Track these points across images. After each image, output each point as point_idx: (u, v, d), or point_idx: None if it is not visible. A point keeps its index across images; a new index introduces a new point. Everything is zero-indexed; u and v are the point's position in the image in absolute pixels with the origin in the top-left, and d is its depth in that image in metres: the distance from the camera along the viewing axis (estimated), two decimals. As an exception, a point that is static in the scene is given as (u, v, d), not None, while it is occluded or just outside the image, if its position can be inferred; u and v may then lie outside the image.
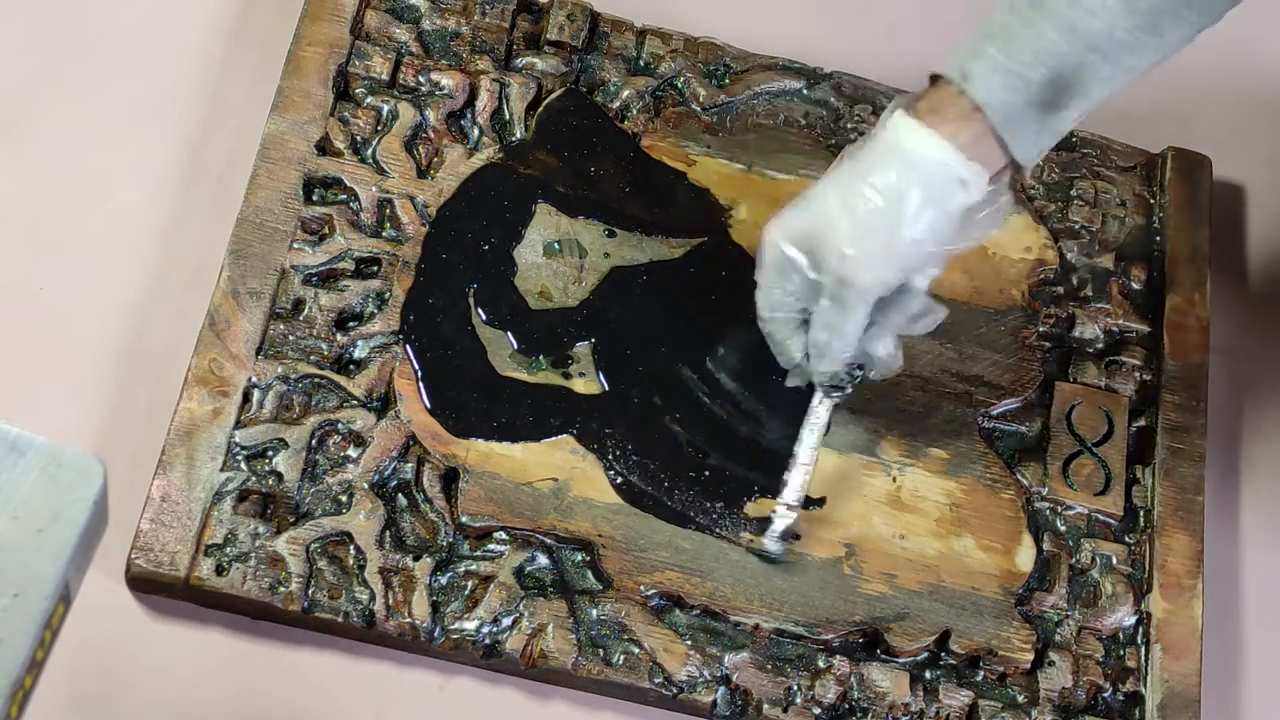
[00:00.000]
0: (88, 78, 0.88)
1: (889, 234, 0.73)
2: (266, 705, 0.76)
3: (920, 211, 0.72)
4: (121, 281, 0.83)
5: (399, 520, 0.79)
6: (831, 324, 0.76)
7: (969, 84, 0.71)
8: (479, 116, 0.88)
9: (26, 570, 0.50)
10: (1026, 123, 0.72)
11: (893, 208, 0.72)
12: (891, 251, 0.73)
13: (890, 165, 0.73)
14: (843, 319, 0.76)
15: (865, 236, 0.73)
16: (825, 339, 0.77)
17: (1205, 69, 1.01)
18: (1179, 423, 0.88)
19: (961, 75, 0.72)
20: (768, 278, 0.77)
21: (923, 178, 0.72)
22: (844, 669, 0.79)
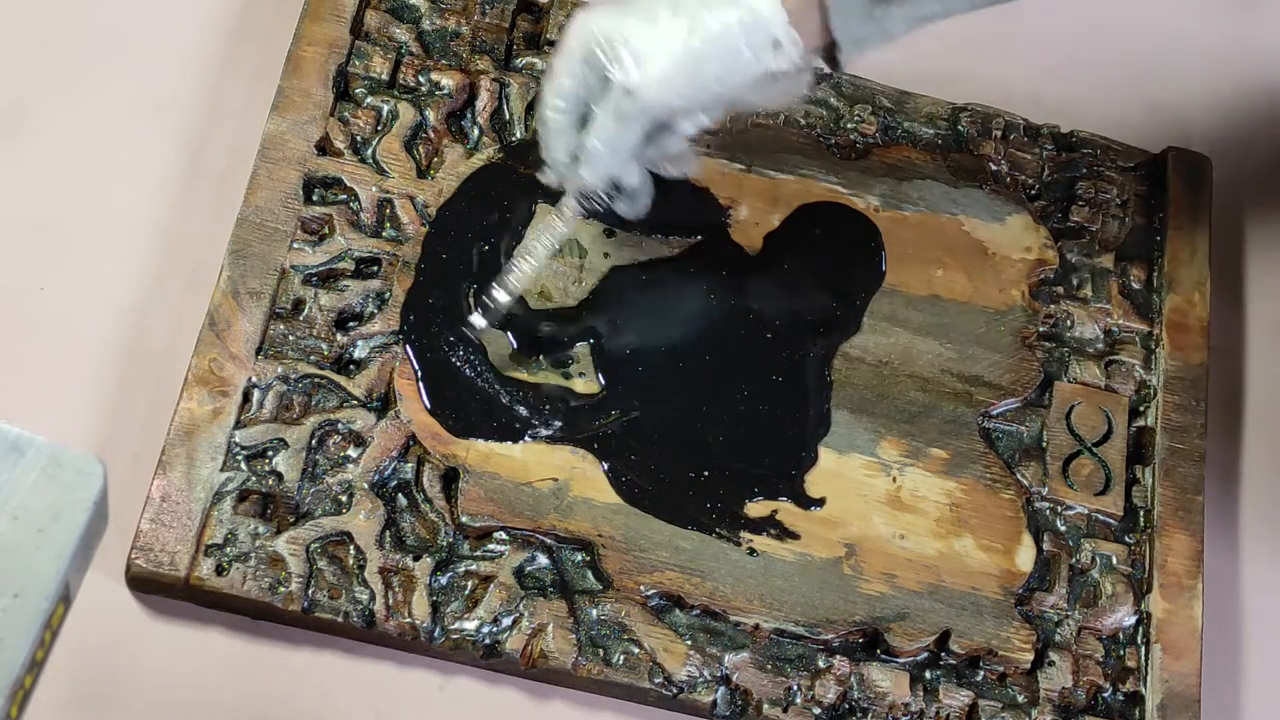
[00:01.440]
0: (88, 78, 0.88)
1: (691, 63, 0.73)
2: (266, 705, 0.76)
3: (729, 52, 0.73)
4: (121, 281, 0.83)
5: (399, 520, 0.79)
6: (606, 132, 0.75)
7: None
8: (479, 116, 0.88)
9: (26, 570, 0.50)
10: (854, 2, 0.72)
11: (708, 41, 0.72)
12: (685, 78, 0.73)
13: (719, 3, 0.73)
14: (619, 130, 0.75)
15: (668, 55, 0.73)
16: (595, 146, 0.76)
17: (1205, 69, 1.02)
18: (1179, 423, 0.88)
19: None
20: (565, 66, 0.76)
21: (745, 22, 0.72)
22: (844, 669, 0.79)
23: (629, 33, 0.74)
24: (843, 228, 0.90)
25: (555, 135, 0.78)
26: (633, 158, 0.77)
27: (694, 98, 0.75)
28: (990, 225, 0.91)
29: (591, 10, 0.76)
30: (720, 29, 0.72)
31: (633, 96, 0.74)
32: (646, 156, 0.78)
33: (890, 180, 0.91)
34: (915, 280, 0.89)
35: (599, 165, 0.77)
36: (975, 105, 0.94)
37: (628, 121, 0.75)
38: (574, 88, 0.76)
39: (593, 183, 0.78)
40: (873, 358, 0.87)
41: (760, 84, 0.74)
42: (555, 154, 0.79)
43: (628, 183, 0.79)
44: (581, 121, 0.77)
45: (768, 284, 0.87)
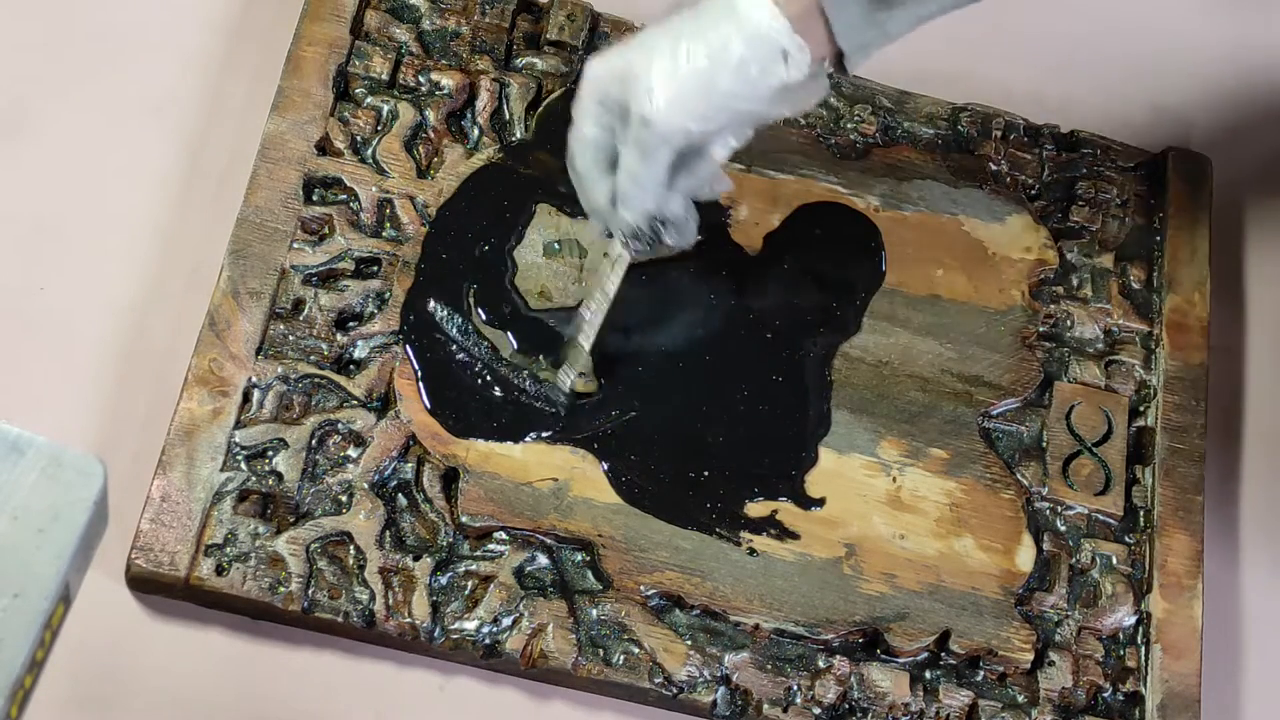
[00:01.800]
0: (88, 78, 0.88)
1: (700, 83, 0.73)
2: (266, 705, 0.76)
3: (739, 70, 0.73)
4: (121, 281, 0.83)
5: (399, 520, 0.79)
6: (633, 170, 0.76)
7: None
8: (479, 116, 0.88)
9: (26, 570, 0.50)
10: (854, 8, 0.72)
11: (713, 60, 0.72)
12: (698, 98, 0.73)
13: (720, 22, 0.73)
14: (644, 164, 0.75)
15: (678, 81, 0.73)
16: (627, 185, 0.76)
17: (1205, 69, 1.02)
18: (1179, 423, 0.88)
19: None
20: (583, 113, 0.76)
21: (749, 39, 0.72)
22: (844, 669, 0.79)
23: (636, 67, 0.74)
24: (843, 228, 0.90)
25: (590, 183, 0.78)
26: (668, 189, 0.77)
27: (712, 118, 0.74)
28: (990, 225, 0.91)
29: (596, 56, 0.76)
30: (721, 45, 0.72)
31: (650, 126, 0.73)
32: (683, 186, 0.78)
33: (890, 180, 0.91)
34: (915, 280, 0.89)
35: (636, 203, 0.77)
36: (975, 105, 0.94)
37: (652, 153, 0.75)
38: (596, 134, 0.76)
39: (635, 221, 0.78)
40: (873, 358, 0.87)
41: (777, 97, 0.74)
42: (594, 201, 0.79)
43: (671, 214, 0.79)
44: (612, 166, 0.77)
45: (768, 284, 0.87)
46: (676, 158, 0.75)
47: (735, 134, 0.76)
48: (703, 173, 0.78)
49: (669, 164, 0.75)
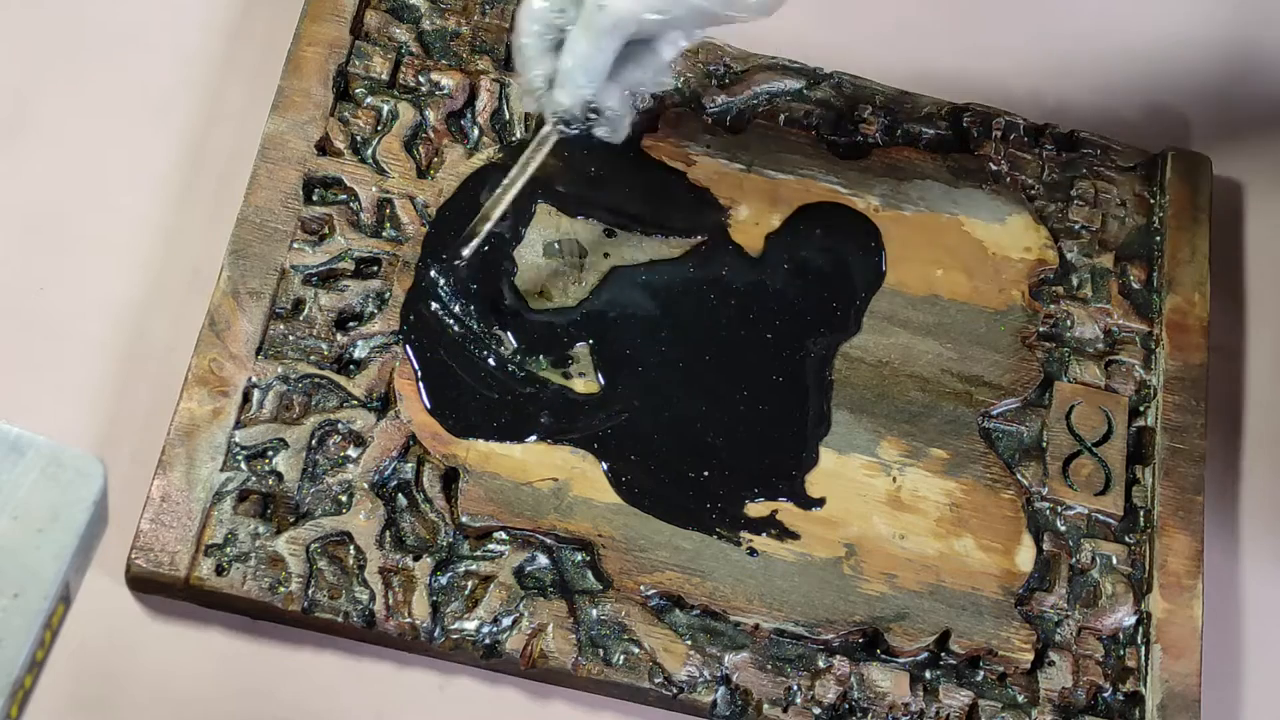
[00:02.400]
0: (88, 78, 0.88)
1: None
2: (266, 705, 0.76)
3: None
4: (121, 281, 0.83)
5: (399, 520, 0.79)
6: (579, 52, 0.75)
7: None
8: (479, 116, 0.88)
9: (26, 570, 0.50)
10: None
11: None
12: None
13: None
14: (591, 48, 0.75)
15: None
16: (570, 66, 0.76)
17: (1205, 69, 1.02)
18: (1179, 423, 0.88)
19: None
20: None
21: None
22: (844, 669, 0.79)
23: None
24: (843, 228, 0.90)
25: (531, 60, 0.77)
26: (610, 79, 0.77)
27: (668, 9, 0.74)
28: (990, 225, 0.91)
29: None
30: None
31: (605, 10, 0.73)
32: (626, 78, 0.77)
33: (890, 180, 0.91)
34: (915, 280, 0.89)
35: (574, 87, 0.76)
36: (975, 105, 0.94)
37: (601, 38, 0.74)
38: (545, 9, 0.76)
39: (570, 105, 0.77)
40: (873, 358, 0.87)
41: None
42: (532, 79, 0.78)
43: (607, 105, 0.78)
44: (557, 46, 0.77)
45: (768, 284, 0.88)
46: (624, 47, 0.75)
47: (686, 33, 0.76)
48: (648, 66, 0.77)
49: (615, 51, 0.75)
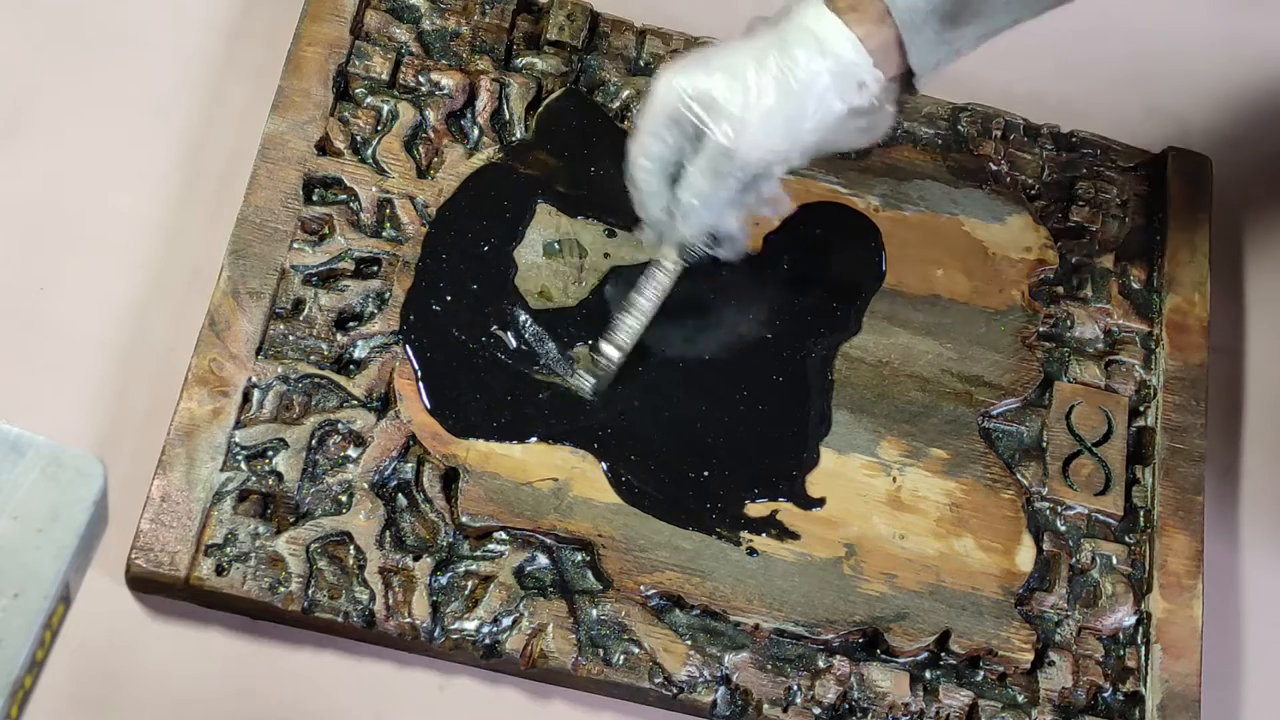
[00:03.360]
0: (88, 78, 0.88)
1: (787, 115, 0.74)
2: (266, 705, 0.76)
3: (821, 104, 0.74)
4: (121, 281, 0.83)
5: (399, 520, 0.79)
6: (703, 190, 0.76)
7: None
8: (479, 116, 0.88)
9: (26, 570, 0.50)
10: (927, 31, 0.73)
11: (801, 92, 0.73)
12: (783, 132, 0.74)
13: (806, 51, 0.73)
14: (716, 187, 0.76)
15: (762, 115, 0.74)
16: (693, 204, 0.77)
17: (1205, 69, 1.02)
18: (1179, 423, 0.88)
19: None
20: (651, 126, 0.76)
21: (833, 71, 0.73)
22: (844, 669, 0.79)
23: (719, 94, 0.74)
24: (843, 228, 0.90)
25: (649, 196, 0.79)
26: (729, 207, 0.78)
27: (789, 150, 0.76)
28: (990, 225, 0.91)
29: (674, 68, 0.76)
30: (809, 79, 0.73)
31: (729, 157, 0.74)
32: (743, 204, 0.79)
33: (890, 180, 0.91)
34: (915, 280, 0.89)
35: (696, 219, 0.78)
36: (975, 105, 0.94)
37: (724, 178, 0.76)
38: (662, 149, 0.77)
39: (693, 237, 0.79)
40: (873, 358, 0.87)
41: (846, 122, 0.75)
42: (651, 212, 0.79)
43: (726, 230, 0.80)
44: (672, 178, 0.78)
45: (768, 284, 0.87)
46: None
47: (799, 157, 0.77)
48: (765, 192, 0.79)
49: (737, 189, 0.77)
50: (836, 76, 0.73)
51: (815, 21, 0.74)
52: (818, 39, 0.73)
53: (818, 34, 0.73)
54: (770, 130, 0.74)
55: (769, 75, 0.74)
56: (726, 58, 0.75)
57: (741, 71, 0.74)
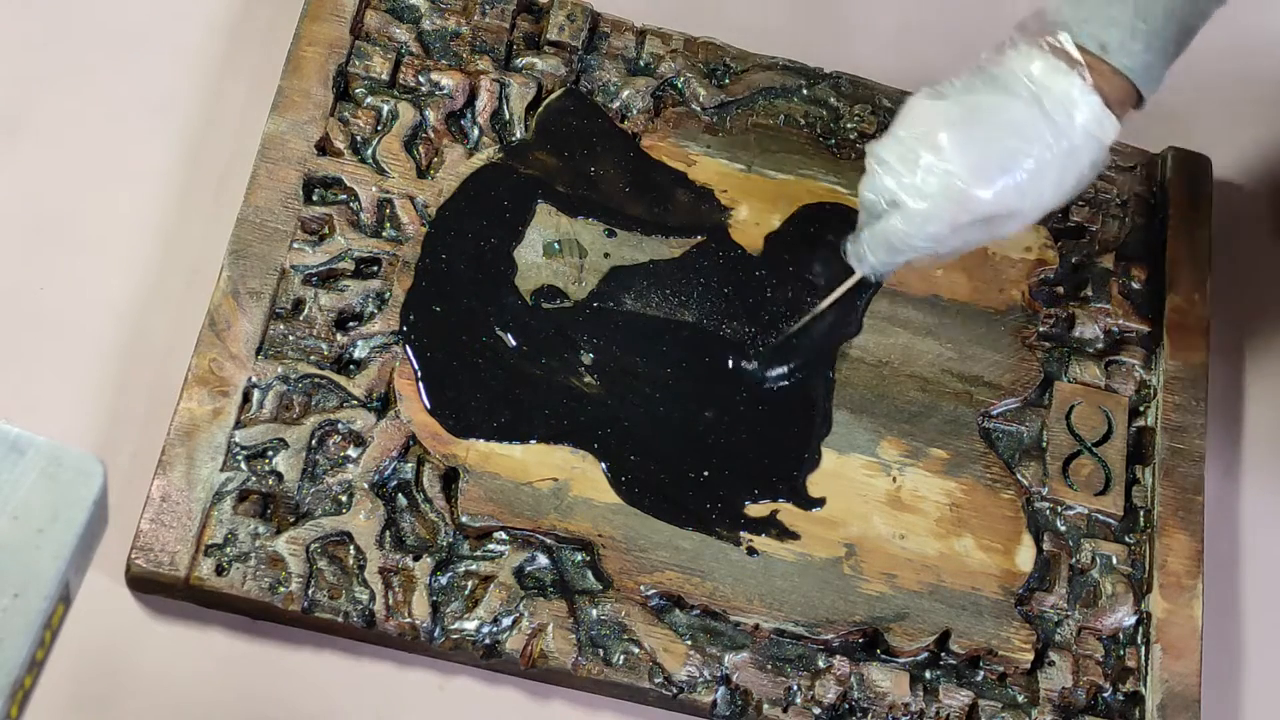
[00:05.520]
0: (88, 78, 0.88)
1: (1035, 184, 0.75)
2: (266, 705, 0.76)
3: (1065, 170, 0.75)
4: (121, 281, 0.83)
5: (399, 520, 0.79)
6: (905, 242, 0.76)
7: (1109, 54, 0.74)
8: (479, 116, 0.88)
9: (26, 570, 0.50)
10: (1160, 73, 0.75)
11: (1053, 160, 0.75)
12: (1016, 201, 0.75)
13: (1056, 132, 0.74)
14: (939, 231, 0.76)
15: (1015, 186, 0.75)
16: (883, 250, 0.77)
17: (1205, 69, 1.01)
18: (1179, 423, 0.88)
19: (1101, 48, 0.74)
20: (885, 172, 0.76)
21: (1082, 138, 0.74)
22: (844, 669, 0.79)
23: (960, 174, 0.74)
24: (843, 228, 0.90)
25: (868, 222, 0.78)
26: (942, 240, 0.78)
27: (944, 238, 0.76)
28: (990, 225, 0.91)
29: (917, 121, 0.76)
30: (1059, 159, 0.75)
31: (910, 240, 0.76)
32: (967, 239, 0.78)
33: (890, 180, 0.91)
34: (915, 280, 0.89)
35: (888, 262, 0.78)
36: (975, 105, 0.94)
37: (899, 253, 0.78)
38: (873, 201, 0.77)
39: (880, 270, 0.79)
40: (873, 358, 0.87)
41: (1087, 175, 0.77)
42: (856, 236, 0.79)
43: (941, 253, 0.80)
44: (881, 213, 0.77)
45: (768, 284, 0.87)
46: None
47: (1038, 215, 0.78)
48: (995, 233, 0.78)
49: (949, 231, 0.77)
50: (1085, 139, 0.74)
51: (1065, 91, 0.74)
52: (1064, 107, 0.74)
53: (1063, 100, 0.74)
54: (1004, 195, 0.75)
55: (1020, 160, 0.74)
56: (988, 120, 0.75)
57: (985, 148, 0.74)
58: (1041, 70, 0.75)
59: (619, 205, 0.88)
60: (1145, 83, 0.75)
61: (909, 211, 0.76)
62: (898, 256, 0.78)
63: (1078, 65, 0.74)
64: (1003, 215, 0.76)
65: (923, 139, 0.75)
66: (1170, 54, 0.75)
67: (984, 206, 0.75)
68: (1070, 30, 0.74)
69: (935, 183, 0.74)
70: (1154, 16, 0.74)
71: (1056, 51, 0.75)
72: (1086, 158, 0.76)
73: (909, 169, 0.75)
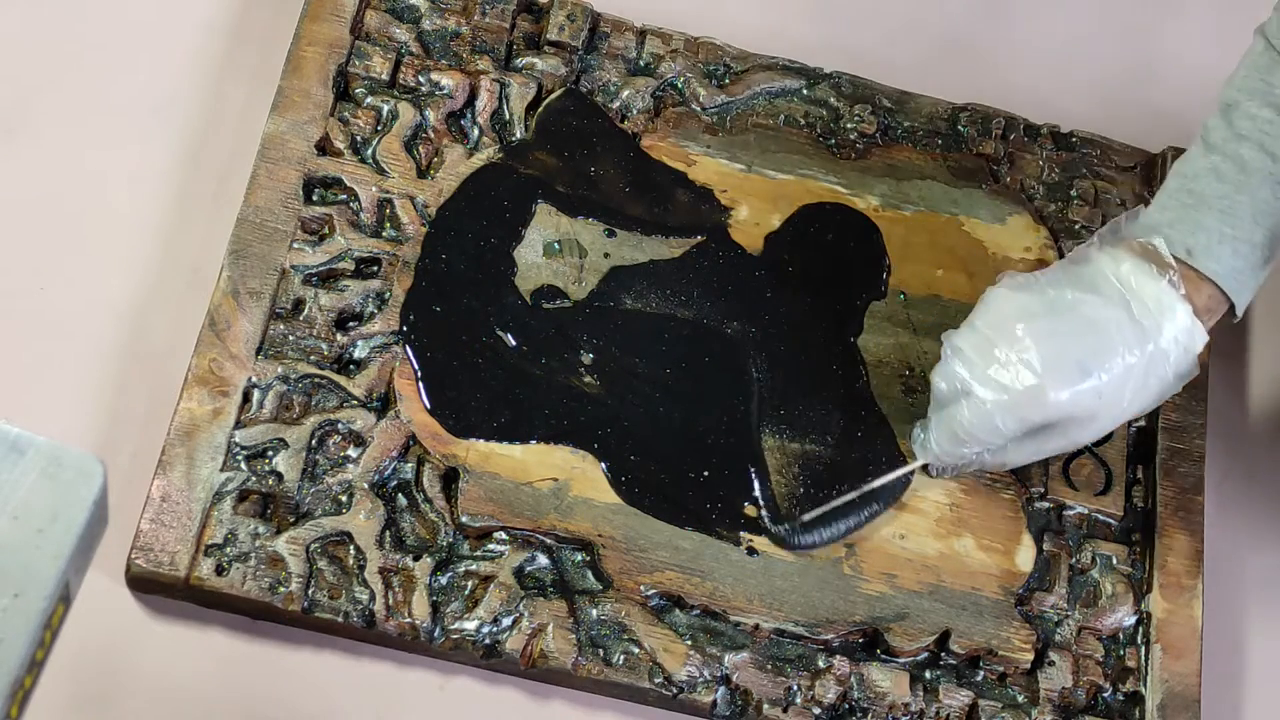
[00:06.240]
0: (88, 78, 0.88)
1: (1116, 389, 0.74)
2: (266, 705, 0.76)
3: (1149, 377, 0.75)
4: (121, 281, 0.83)
5: (399, 520, 0.79)
6: (990, 424, 0.75)
7: (1195, 259, 0.73)
8: (479, 116, 0.88)
9: (26, 570, 0.50)
10: (1251, 281, 0.74)
11: (1136, 365, 0.74)
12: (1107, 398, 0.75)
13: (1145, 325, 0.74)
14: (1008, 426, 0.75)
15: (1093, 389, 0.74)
16: (966, 431, 0.76)
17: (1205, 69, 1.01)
18: (1179, 423, 0.88)
19: (1187, 253, 0.73)
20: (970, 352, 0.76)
21: (1170, 345, 0.74)
22: (844, 669, 0.79)
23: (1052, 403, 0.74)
24: (843, 228, 0.90)
25: (940, 408, 0.78)
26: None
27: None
28: (990, 225, 0.91)
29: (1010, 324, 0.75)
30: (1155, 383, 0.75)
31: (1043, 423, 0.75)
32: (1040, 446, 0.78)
33: (890, 180, 0.91)
34: (915, 280, 0.89)
35: (970, 449, 0.77)
36: (975, 105, 0.94)
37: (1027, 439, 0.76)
38: (945, 389, 0.76)
39: (957, 461, 0.79)
40: (873, 358, 0.87)
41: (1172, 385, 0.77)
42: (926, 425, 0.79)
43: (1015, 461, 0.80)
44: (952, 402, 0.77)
45: (768, 284, 0.87)
46: None
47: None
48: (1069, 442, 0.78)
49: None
50: (1179, 351, 0.74)
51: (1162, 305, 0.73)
52: (1151, 310, 0.73)
53: (1151, 305, 0.73)
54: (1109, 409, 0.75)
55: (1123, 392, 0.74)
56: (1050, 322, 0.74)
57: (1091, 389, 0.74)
58: (1130, 271, 0.73)
59: (619, 205, 0.88)
60: (1235, 290, 0.74)
61: (977, 402, 0.74)
62: (962, 449, 0.77)
63: (1169, 269, 0.73)
64: (1079, 419, 0.75)
65: (1000, 330, 0.74)
66: (1260, 260, 0.73)
67: (1059, 407, 0.73)
68: (1154, 236, 0.73)
69: (1009, 375, 0.73)
70: (1240, 220, 0.73)
71: (1147, 254, 0.73)
72: (1173, 368, 0.74)
73: (984, 359, 0.74)
